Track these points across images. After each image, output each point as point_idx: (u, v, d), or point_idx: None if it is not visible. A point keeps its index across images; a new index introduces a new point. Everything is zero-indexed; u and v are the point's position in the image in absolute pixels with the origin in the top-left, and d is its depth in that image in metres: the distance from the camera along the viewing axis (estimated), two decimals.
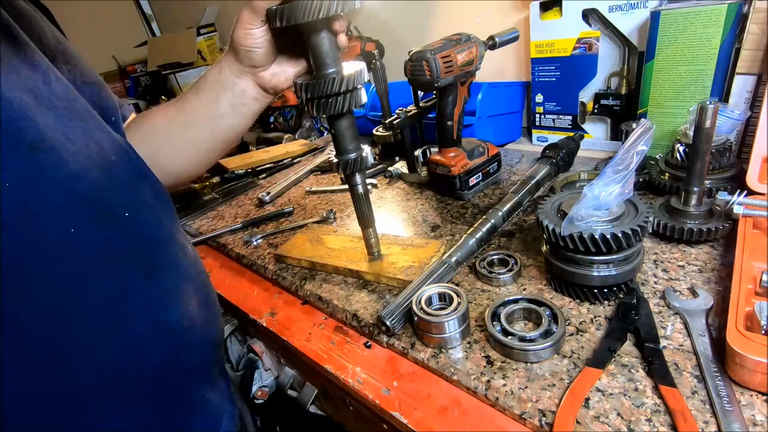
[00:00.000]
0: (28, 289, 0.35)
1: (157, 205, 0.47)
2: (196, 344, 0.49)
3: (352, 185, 0.59)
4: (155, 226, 0.47)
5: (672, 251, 0.58)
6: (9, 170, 0.33)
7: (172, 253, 0.48)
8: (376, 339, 0.56)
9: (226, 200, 1.06)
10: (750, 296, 0.44)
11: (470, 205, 0.80)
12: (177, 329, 0.46)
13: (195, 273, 0.51)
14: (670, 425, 0.37)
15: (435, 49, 0.70)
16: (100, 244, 0.40)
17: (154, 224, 0.46)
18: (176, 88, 1.89)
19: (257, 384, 0.74)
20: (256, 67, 0.54)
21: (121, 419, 0.43)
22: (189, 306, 0.48)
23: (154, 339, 0.44)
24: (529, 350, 0.45)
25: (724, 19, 0.66)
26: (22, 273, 0.35)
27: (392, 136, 0.98)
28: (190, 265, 0.51)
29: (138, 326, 0.43)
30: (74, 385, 0.39)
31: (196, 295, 0.50)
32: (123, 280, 0.42)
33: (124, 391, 0.42)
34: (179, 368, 0.47)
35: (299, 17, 0.46)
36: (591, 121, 0.95)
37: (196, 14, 2.03)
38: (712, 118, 0.51)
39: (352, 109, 0.53)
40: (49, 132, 0.36)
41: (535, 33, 0.93)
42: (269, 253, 0.77)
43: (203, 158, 0.62)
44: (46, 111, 0.37)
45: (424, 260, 0.62)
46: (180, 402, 0.48)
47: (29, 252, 0.35)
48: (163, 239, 0.47)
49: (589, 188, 0.47)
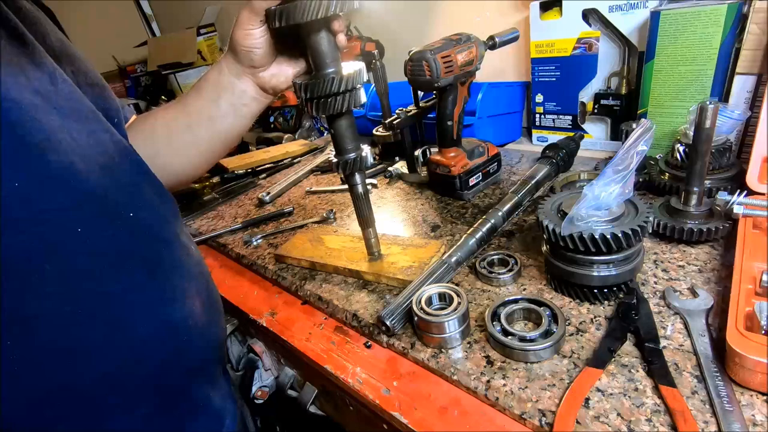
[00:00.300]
0: (33, 286, 0.35)
1: (160, 205, 0.48)
2: (200, 343, 0.49)
3: (352, 185, 0.59)
4: (159, 226, 0.47)
5: (672, 251, 0.58)
6: (16, 169, 0.34)
7: (176, 253, 0.48)
8: (376, 339, 0.56)
9: (226, 200, 1.06)
10: (750, 296, 0.44)
11: (470, 205, 0.80)
12: (181, 328, 0.46)
13: (198, 272, 0.52)
14: (670, 425, 0.37)
15: (435, 49, 0.70)
16: (105, 242, 0.40)
17: (158, 224, 0.47)
18: (176, 88, 1.89)
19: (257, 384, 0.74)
20: (256, 68, 0.54)
21: (124, 417, 0.43)
22: (193, 305, 0.48)
23: (157, 337, 0.44)
24: (529, 350, 0.45)
25: (724, 19, 0.66)
26: (28, 271, 0.35)
27: (392, 136, 0.98)
28: (194, 265, 0.51)
29: (142, 324, 0.43)
30: (77, 382, 0.39)
31: (200, 294, 0.50)
32: (128, 278, 0.42)
33: (127, 389, 0.43)
34: (182, 367, 0.47)
35: (298, 17, 0.46)
36: (591, 121, 0.95)
37: (196, 14, 2.03)
38: (712, 118, 0.51)
39: (351, 108, 0.53)
40: (56, 133, 0.37)
41: (535, 33, 0.93)
42: (269, 253, 0.77)
43: (203, 159, 0.62)
44: (53, 112, 0.38)
45: (424, 260, 0.62)
46: (183, 400, 0.49)
47: (35, 250, 0.35)
48: (167, 239, 0.48)
49: (589, 188, 0.47)
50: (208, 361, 0.52)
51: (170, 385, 0.47)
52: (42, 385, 0.37)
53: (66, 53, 0.46)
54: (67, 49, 0.46)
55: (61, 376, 0.38)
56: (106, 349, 0.40)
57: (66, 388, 0.39)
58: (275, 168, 1.21)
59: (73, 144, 0.38)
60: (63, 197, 0.37)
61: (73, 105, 0.41)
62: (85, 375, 0.39)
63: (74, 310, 0.38)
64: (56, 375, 0.38)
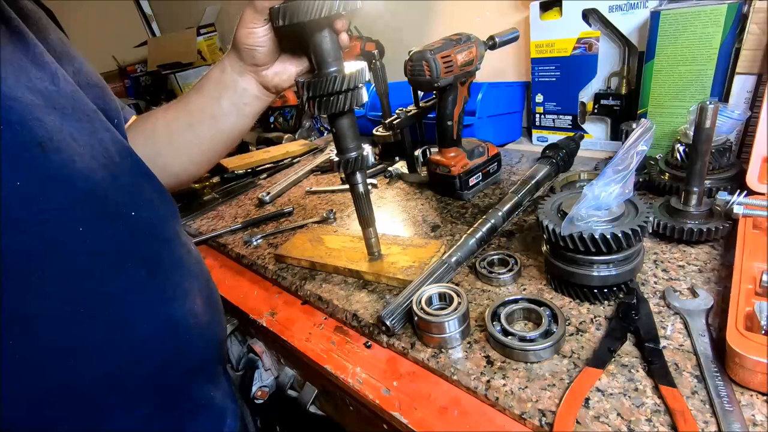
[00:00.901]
0: (33, 286, 0.35)
1: (160, 205, 0.48)
2: (200, 342, 0.49)
3: (353, 184, 0.59)
4: (160, 225, 0.47)
5: (672, 251, 0.58)
6: (17, 169, 0.34)
7: (177, 252, 0.49)
8: (376, 339, 0.56)
9: (226, 200, 1.06)
10: (750, 296, 0.44)
11: (470, 205, 0.80)
12: (182, 327, 0.47)
13: (199, 271, 0.52)
14: (670, 425, 0.37)
15: (435, 49, 0.70)
16: (106, 242, 0.40)
17: (158, 223, 0.47)
18: (176, 88, 1.89)
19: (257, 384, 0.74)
20: (259, 66, 0.54)
21: (124, 417, 0.43)
22: (194, 304, 0.48)
23: (158, 336, 0.44)
24: (529, 350, 0.45)
25: (724, 19, 0.66)
26: (29, 270, 0.35)
27: (392, 136, 0.98)
28: (194, 263, 0.51)
29: (143, 324, 0.43)
30: (77, 382, 0.39)
31: (200, 293, 0.50)
32: (129, 278, 0.42)
33: (127, 389, 0.43)
34: (183, 366, 0.48)
35: (301, 16, 0.46)
36: (591, 121, 0.95)
37: (196, 14, 2.03)
38: (712, 118, 0.51)
39: (353, 107, 0.53)
40: (57, 132, 0.37)
41: (535, 33, 0.93)
42: (269, 253, 0.77)
43: (204, 158, 0.62)
44: (54, 111, 0.38)
45: (424, 260, 0.62)
46: (184, 400, 0.49)
47: (35, 250, 0.35)
48: (167, 237, 0.48)
49: (589, 188, 0.47)
50: (208, 360, 0.52)
51: (171, 385, 0.47)
52: (42, 385, 0.37)
53: (66, 53, 0.46)
54: (68, 48, 0.47)
55: (61, 376, 0.38)
56: (107, 348, 0.40)
57: (66, 388, 0.39)
58: (275, 168, 1.21)
59: (74, 144, 0.38)
60: (63, 197, 0.37)
61: (74, 105, 0.41)
62: (85, 375, 0.39)
63: (75, 310, 0.38)
64: (56, 375, 0.38)
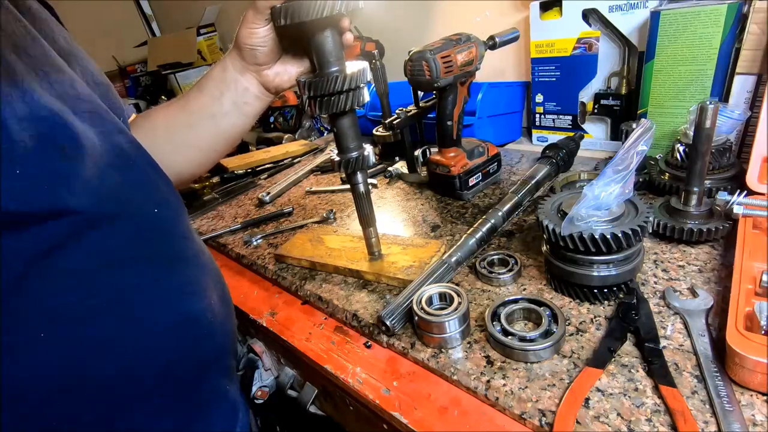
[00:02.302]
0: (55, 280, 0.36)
1: (173, 201, 0.49)
2: (216, 335, 0.50)
3: (354, 184, 0.59)
4: (175, 221, 0.48)
5: (672, 251, 0.58)
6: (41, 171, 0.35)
7: (192, 247, 0.50)
8: (376, 339, 0.56)
9: (226, 200, 1.06)
10: (750, 296, 0.44)
11: (470, 205, 0.80)
12: (201, 320, 0.48)
13: (212, 266, 0.53)
14: (670, 425, 0.37)
15: (435, 49, 0.70)
16: (126, 237, 0.41)
17: (174, 219, 0.48)
18: (176, 88, 1.89)
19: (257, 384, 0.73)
20: (260, 65, 0.54)
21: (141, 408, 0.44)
22: (211, 298, 0.50)
23: (175, 329, 0.45)
24: (529, 350, 0.45)
25: (724, 19, 0.66)
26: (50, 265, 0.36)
27: (392, 136, 0.98)
28: (209, 260, 0.53)
29: (161, 317, 0.44)
30: (95, 373, 0.40)
31: (216, 287, 0.51)
32: (148, 271, 0.43)
33: (145, 380, 0.43)
34: (201, 359, 0.49)
35: (303, 15, 0.46)
36: (591, 121, 0.95)
37: (196, 14, 2.03)
38: (712, 118, 0.51)
39: (354, 107, 0.53)
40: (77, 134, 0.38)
41: (535, 33, 0.93)
42: (269, 253, 0.77)
43: (204, 158, 0.62)
44: (73, 114, 0.39)
45: (424, 260, 0.62)
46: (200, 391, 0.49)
47: (57, 244, 0.36)
48: (183, 234, 0.49)
49: (589, 188, 0.47)
50: (225, 353, 0.53)
51: (188, 377, 0.48)
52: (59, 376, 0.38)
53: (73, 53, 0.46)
54: (74, 48, 0.47)
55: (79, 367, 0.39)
56: (125, 340, 0.41)
57: (83, 379, 0.39)
58: (275, 168, 1.21)
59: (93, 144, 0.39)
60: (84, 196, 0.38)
61: (91, 106, 0.42)
62: (105, 367, 0.40)
63: (95, 303, 0.39)
64: (74, 366, 0.39)
